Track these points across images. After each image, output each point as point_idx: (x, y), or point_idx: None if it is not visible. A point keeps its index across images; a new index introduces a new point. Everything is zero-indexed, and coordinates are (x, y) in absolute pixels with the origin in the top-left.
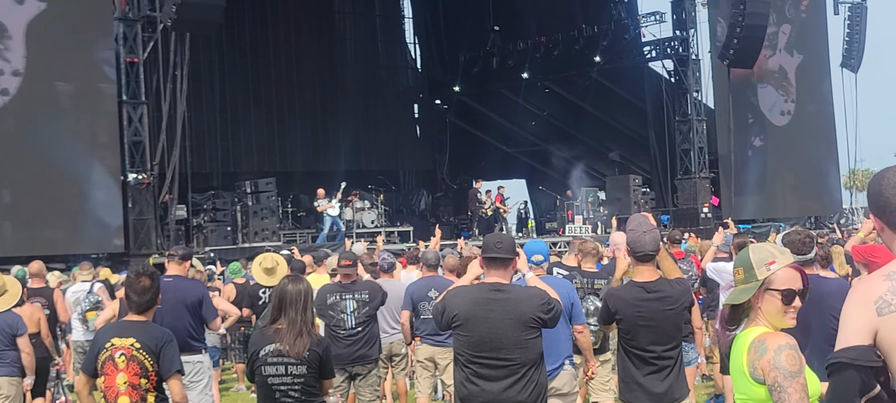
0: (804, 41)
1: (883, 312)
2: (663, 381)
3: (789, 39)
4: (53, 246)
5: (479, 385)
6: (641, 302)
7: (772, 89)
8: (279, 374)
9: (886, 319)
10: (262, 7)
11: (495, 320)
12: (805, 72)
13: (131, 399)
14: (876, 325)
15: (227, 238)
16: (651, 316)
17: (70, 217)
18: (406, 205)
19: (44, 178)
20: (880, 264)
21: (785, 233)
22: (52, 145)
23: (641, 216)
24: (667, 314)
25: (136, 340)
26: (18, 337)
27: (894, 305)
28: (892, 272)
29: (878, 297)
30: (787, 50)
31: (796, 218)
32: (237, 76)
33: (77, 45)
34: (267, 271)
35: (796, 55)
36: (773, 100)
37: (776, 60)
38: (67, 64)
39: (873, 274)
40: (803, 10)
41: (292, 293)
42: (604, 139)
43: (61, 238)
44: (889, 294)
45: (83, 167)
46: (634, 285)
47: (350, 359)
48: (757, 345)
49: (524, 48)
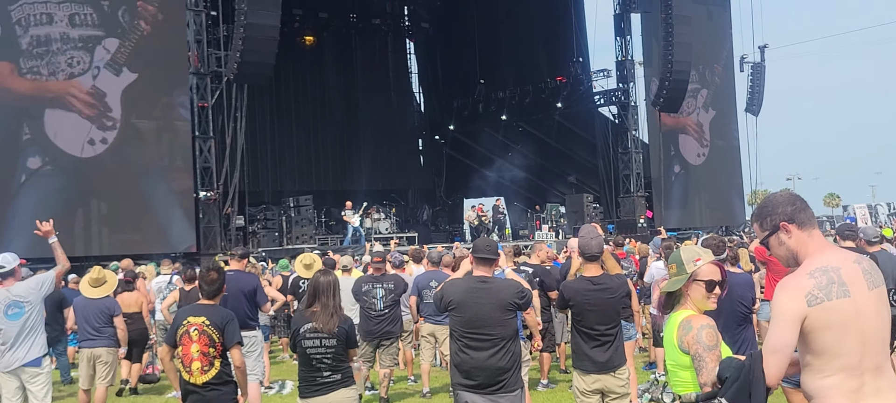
0: (718, 100)
1: (812, 303)
2: (605, 352)
3: (706, 100)
4: (140, 246)
5: (469, 354)
6: (589, 291)
7: (691, 139)
8: (315, 346)
9: (813, 309)
10: (302, 65)
11: (482, 304)
12: (717, 123)
13: (202, 364)
14: (805, 313)
15: (274, 241)
16: (596, 303)
17: (154, 225)
18: (412, 217)
19: (134, 195)
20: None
21: (703, 239)
22: (141, 170)
23: (590, 226)
24: (608, 301)
25: (207, 318)
26: (115, 317)
27: (820, 298)
28: (814, 271)
29: (807, 292)
30: (704, 108)
31: (711, 227)
32: (283, 117)
33: (161, 94)
34: (306, 267)
35: (711, 111)
36: (692, 147)
37: (695, 116)
38: (153, 108)
39: (798, 273)
40: (718, 74)
41: (324, 283)
42: (564, 166)
43: (147, 240)
44: (816, 289)
45: (165, 187)
46: (583, 278)
47: (378, 334)
48: (684, 324)
49: (503, 96)
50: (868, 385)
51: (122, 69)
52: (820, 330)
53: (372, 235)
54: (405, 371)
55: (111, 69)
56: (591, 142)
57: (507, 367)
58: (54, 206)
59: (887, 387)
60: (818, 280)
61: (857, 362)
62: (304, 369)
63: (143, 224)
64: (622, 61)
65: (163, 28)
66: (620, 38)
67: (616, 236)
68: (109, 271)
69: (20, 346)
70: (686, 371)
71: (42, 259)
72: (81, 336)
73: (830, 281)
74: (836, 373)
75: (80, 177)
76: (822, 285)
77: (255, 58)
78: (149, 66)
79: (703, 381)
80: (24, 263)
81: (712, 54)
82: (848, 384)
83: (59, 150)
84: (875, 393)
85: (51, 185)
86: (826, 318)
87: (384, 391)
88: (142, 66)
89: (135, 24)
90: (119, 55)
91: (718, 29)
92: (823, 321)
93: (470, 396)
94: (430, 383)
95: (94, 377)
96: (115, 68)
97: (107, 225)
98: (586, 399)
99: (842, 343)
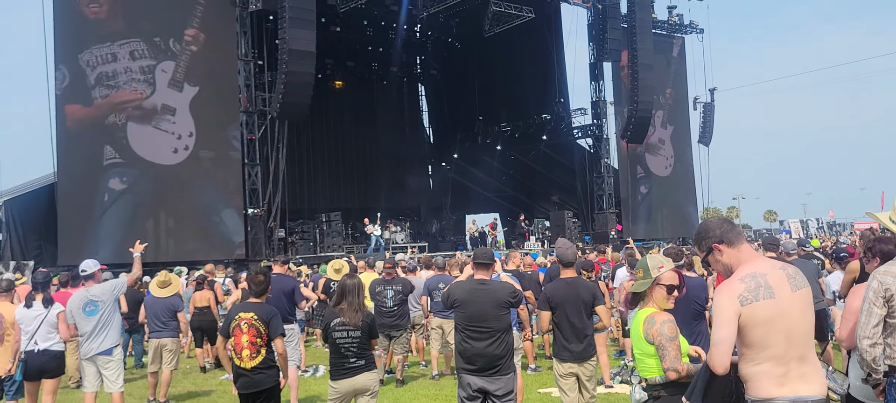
0: (673, 117)
1: (743, 303)
2: (580, 344)
3: (663, 119)
4: (199, 254)
5: (470, 343)
6: (565, 290)
7: (658, 157)
8: (343, 336)
9: (746, 308)
10: (332, 105)
11: (481, 302)
12: (676, 137)
13: (251, 352)
14: (739, 311)
15: (310, 249)
16: (569, 300)
17: (210, 236)
18: (423, 229)
19: (195, 212)
20: None
21: (665, 248)
22: (200, 192)
23: (563, 240)
24: (582, 297)
25: (255, 314)
26: (179, 313)
27: (750, 299)
28: (744, 277)
29: (739, 294)
30: (662, 126)
31: (671, 238)
32: (316, 148)
33: (217, 128)
34: (335, 271)
35: (669, 127)
36: (658, 161)
37: (656, 135)
38: (211, 139)
39: (732, 279)
40: (669, 98)
41: (350, 285)
42: (548, 188)
43: (204, 248)
44: (746, 291)
45: (220, 205)
46: (561, 281)
47: (390, 327)
48: (649, 320)
49: (498, 130)
50: (794, 371)
51: (189, 93)
52: (750, 326)
53: (390, 244)
54: (418, 358)
55: (174, 88)
56: (570, 168)
57: (502, 354)
58: (130, 221)
59: (811, 372)
60: (748, 284)
61: (783, 352)
62: (334, 356)
63: (203, 235)
64: (596, 101)
65: (217, 77)
66: (595, 81)
67: (596, 246)
68: (174, 275)
69: (95, 338)
70: (652, 358)
71: (121, 264)
72: (151, 329)
73: (758, 285)
74: (764, 362)
75: (154, 195)
76: (751, 288)
77: (294, 99)
78: (209, 108)
79: (667, 367)
80: (104, 268)
81: (668, 84)
82: (775, 371)
83: (145, 161)
84: (800, 377)
85: (129, 203)
86: (755, 316)
87: (399, 373)
88: (200, 112)
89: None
90: (177, 75)
91: (675, 70)
92: (753, 318)
93: (471, 378)
94: (437, 367)
95: (160, 362)
96: (177, 86)
97: (172, 237)
98: (564, 381)
99: (769, 337)
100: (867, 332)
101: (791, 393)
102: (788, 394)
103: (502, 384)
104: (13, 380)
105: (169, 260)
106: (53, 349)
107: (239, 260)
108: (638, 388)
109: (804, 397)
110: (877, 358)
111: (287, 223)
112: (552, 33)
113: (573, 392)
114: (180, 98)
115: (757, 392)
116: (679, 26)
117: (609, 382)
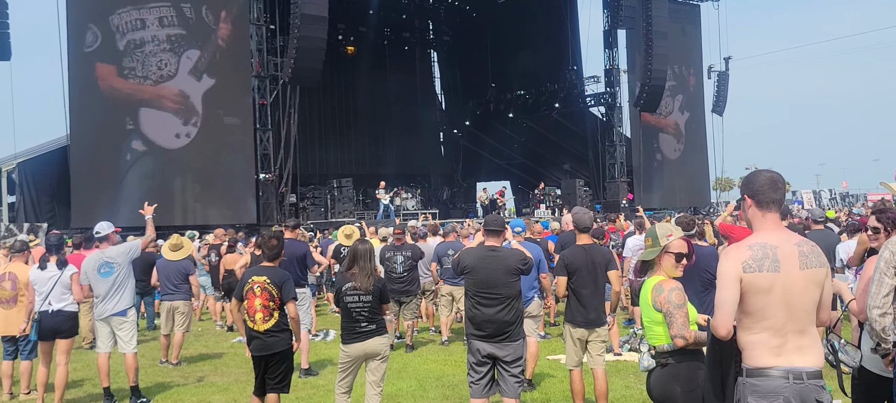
0: (691, 104)
1: (746, 270)
2: (595, 310)
3: (682, 104)
4: (215, 218)
5: (480, 310)
6: (581, 256)
7: (670, 137)
8: (354, 301)
9: (747, 275)
10: (345, 70)
11: (491, 269)
12: (691, 123)
13: (263, 315)
14: (740, 276)
15: (321, 215)
16: (587, 266)
17: (226, 200)
18: (434, 196)
19: (214, 176)
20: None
21: (676, 217)
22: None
23: (580, 207)
24: (597, 264)
25: (267, 278)
26: (190, 276)
27: (753, 268)
28: (753, 244)
29: (743, 260)
30: (680, 110)
31: (682, 207)
32: (328, 113)
33: (231, 94)
34: (346, 236)
35: (686, 113)
36: (670, 143)
37: (673, 118)
38: (226, 106)
39: (741, 243)
40: (691, 85)
41: (362, 250)
42: (560, 156)
43: (221, 213)
44: (751, 259)
45: (233, 169)
46: (578, 247)
47: (400, 292)
48: (657, 287)
49: (510, 97)
50: (791, 343)
51: (202, 75)
52: (750, 293)
53: (400, 211)
54: (427, 324)
55: (194, 76)
56: (582, 137)
57: (512, 321)
58: (150, 185)
59: (809, 345)
60: (754, 252)
61: (781, 325)
62: (346, 320)
63: (218, 199)
64: (610, 69)
65: (231, 40)
66: (608, 49)
67: (607, 214)
68: (186, 238)
69: (110, 299)
70: (660, 326)
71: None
72: (163, 291)
73: (765, 255)
74: (761, 332)
75: (171, 164)
76: (757, 257)
77: (306, 64)
78: (223, 72)
79: (674, 333)
80: (118, 231)
81: (686, 63)
82: (771, 341)
83: (152, 142)
84: (797, 350)
85: (148, 168)
86: (755, 285)
87: (409, 339)
88: (217, 72)
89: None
90: (200, 64)
91: (690, 42)
92: (753, 286)
93: (481, 344)
94: (447, 333)
95: (172, 324)
96: (197, 75)
97: (199, 201)
98: (575, 343)
99: (767, 308)
100: (878, 302)
101: (786, 363)
102: (784, 364)
103: (511, 350)
104: (28, 340)
105: (188, 223)
106: (67, 310)
107: (250, 225)
108: (646, 355)
109: (799, 367)
110: (886, 328)
111: (298, 188)
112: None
113: (578, 355)
114: (198, 87)
115: (752, 360)
116: None
117: (618, 350)
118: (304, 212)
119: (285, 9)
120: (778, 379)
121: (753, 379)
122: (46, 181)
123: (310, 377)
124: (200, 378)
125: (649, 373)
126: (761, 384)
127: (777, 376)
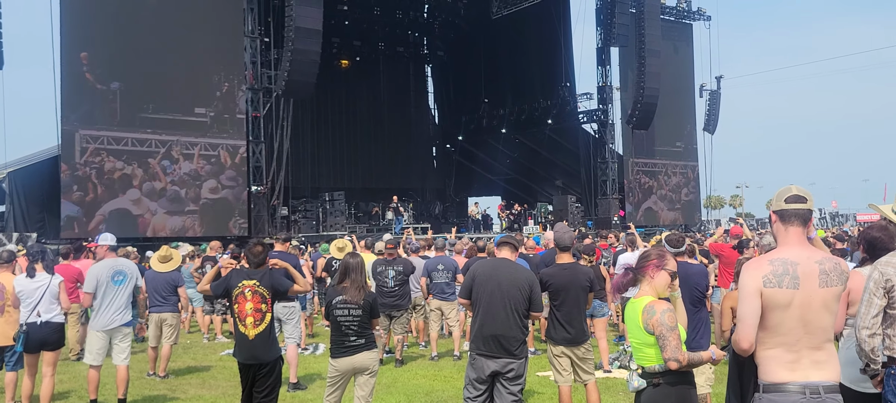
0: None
1: (766, 285)
2: (574, 329)
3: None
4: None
5: (489, 322)
6: (562, 275)
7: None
8: (345, 314)
9: (767, 290)
10: (338, 84)
11: (504, 281)
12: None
13: (255, 318)
14: (761, 290)
15: (312, 228)
16: (566, 285)
17: (217, 213)
18: (426, 211)
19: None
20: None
21: (666, 235)
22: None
23: (562, 224)
24: (579, 283)
25: (257, 281)
26: (179, 287)
27: (773, 283)
28: (774, 259)
29: (764, 275)
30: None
31: (673, 225)
32: (321, 126)
33: (225, 109)
34: (339, 249)
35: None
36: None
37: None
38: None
39: (763, 258)
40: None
41: (353, 264)
42: (552, 172)
43: (209, 227)
44: (771, 274)
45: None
46: (558, 265)
47: (390, 307)
48: (648, 309)
49: (503, 113)
50: (806, 359)
51: None
52: (768, 309)
53: (392, 225)
54: (417, 338)
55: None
56: (575, 153)
57: (519, 337)
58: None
59: (826, 360)
60: (775, 267)
61: (795, 341)
62: (335, 334)
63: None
64: (602, 86)
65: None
66: (601, 66)
67: (600, 231)
68: (174, 250)
69: (119, 309)
70: (651, 348)
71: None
72: (151, 303)
73: (785, 271)
74: (775, 348)
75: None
76: (777, 272)
77: (299, 77)
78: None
79: (668, 357)
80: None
81: (678, 83)
82: (785, 357)
83: None
84: (813, 365)
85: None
86: (774, 300)
87: (399, 353)
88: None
89: None
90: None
91: (682, 61)
92: (772, 301)
93: (485, 361)
94: (437, 348)
95: (160, 336)
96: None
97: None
98: (558, 361)
99: (783, 324)
100: (867, 322)
101: (803, 379)
102: (800, 379)
103: (515, 367)
104: (14, 351)
105: (172, 235)
106: (55, 321)
107: (241, 237)
108: (635, 376)
109: (816, 382)
110: (875, 349)
111: (290, 201)
112: (560, 17)
113: (567, 371)
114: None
115: (768, 375)
116: (687, 13)
117: (607, 367)
118: (295, 225)
119: (280, 22)
120: (795, 395)
121: (770, 395)
122: (36, 191)
123: (298, 391)
124: (187, 391)
125: (639, 394)
126: (778, 399)
127: (794, 391)
